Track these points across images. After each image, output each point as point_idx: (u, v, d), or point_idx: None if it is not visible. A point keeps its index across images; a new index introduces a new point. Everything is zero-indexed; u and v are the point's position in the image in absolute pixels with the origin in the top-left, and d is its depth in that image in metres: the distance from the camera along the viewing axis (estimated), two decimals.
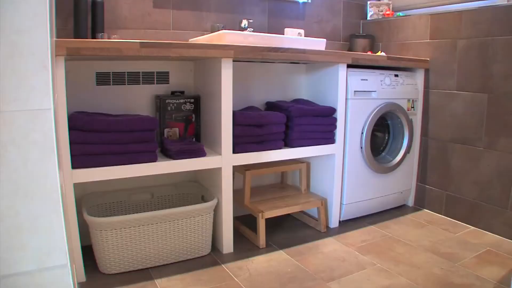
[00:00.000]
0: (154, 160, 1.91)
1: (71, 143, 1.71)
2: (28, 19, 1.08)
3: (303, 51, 2.19)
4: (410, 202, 2.94)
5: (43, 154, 1.12)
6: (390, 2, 3.21)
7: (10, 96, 1.07)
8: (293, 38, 2.36)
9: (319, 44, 2.39)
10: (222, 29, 2.48)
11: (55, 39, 1.52)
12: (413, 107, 2.76)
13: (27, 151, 1.11)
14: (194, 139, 2.29)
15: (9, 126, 1.07)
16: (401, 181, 2.82)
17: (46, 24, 1.11)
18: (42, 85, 1.10)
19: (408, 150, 2.76)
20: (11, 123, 1.07)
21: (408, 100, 2.73)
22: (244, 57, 2.02)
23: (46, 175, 1.13)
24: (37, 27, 1.09)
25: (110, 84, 2.19)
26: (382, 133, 2.80)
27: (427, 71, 2.79)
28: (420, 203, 2.89)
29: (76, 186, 1.74)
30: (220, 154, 2.06)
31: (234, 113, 2.08)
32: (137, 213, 1.89)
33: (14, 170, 1.08)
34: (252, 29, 2.58)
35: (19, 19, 1.07)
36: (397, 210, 2.84)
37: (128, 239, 1.87)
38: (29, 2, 1.07)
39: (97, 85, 2.16)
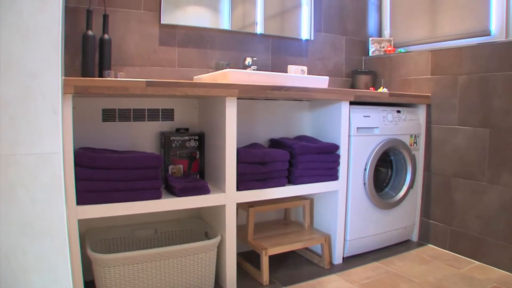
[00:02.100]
0: (158, 197, 1.92)
1: (76, 179, 1.72)
2: (41, 63, 1.11)
3: (306, 89, 2.22)
4: (414, 237, 2.92)
5: (51, 196, 1.14)
6: (391, 38, 3.27)
7: (20, 139, 1.09)
8: (296, 76, 2.40)
9: (321, 81, 2.43)
10: (226, 67, 2.53)
11: (63, 77, 1.55)
12: (415, 143, 2.78)
13: (35, 192, 1.12)
14: (198, 176, 2.31)
15: (18, 168, 1.09)
16: (405, 216, 2.81)
17: (58, 69, 1.14)
18: (52, 128, 1.12)
19: (411, 185, 2.76)
20: (21, 165, 1.09)
21: (411, 135, 2.75)
22: (248, 95, 2.06)
23: (54, 216, 1.14)
24: (49, 71, 1.12)
25: (115, 121, 2.22)
26: (385, 169, 2.81)
27: (428, 107, 2.82)
28: (424, 238, 2.88)
29: (80, 221, 1.75)
30: (224, 191, 2.07)
31: (238, 150, 2.10)
32: (140, 249, 1.89)
33: (22, 210, 1.10)
34: (256, 67, 2.62)
35: (33, 63, 1.10)
36: (401, 246, 2.82)
37: (131, 275, 1.87)
38: (42, 48, 1.11)
39: (103, 121, 2.19)
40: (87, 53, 2.17)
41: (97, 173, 1.79)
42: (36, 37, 1.11)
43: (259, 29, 2.82)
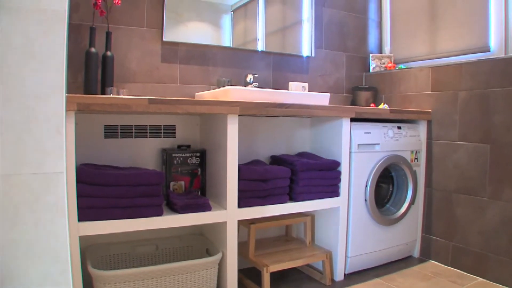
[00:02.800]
0: (160, 214, 1.92)
1: (78, 196, 1.73)
2: (46, 86, 1.13)
3: (307, 107, 2.24)
4: (416, 254, 2.91)
5: (54, 216, 1.15)
6: (391, 54, 3.29)
7: (24, 159, 1.10)
8: (297, 93, 2.42)
9: (322, 98, 2.45)
10: (228, 84, 2.54)
11: (66, 95, 1.57)
12: (416, 159, 2.79)
13: (39, 212, 1.13)
14: (199, 192, 2.31)
15: (22, 188, 1.09)
16: (406, 232, 2.80)
17: (63, 91, 1.15)
18: (56, 149, 1.14)
19: (412, 202, 2.76)
20: (25, 185, 1.10)
21: (412, 151, 2.75)
22: (250, 113, 2.07)
23: (57, 236, 1.14)
24: (54, 94, 1.13)
25: (117, 137, 2.23)
26: (386, 185, 2.81)
27: (429, 123, 2.83)
28: (426, 254, 2.87)
29: (81, 237, 1.75)
30: (225, 208, 2.07)
31: (239, 167, 2.11)
32: (141, 265, 1.90)
33: (25, 230, 1.11)
34: (257, 84, 2.64)
35: (38, 85, 1.11)
36: (403, 262, 2.81)
37: None
38: (47, 70, 1.12)
39: (105, 137, 2.20)
40: (90, 70, 2.19)
41: (99, 190, 1.79)
42: (41, 60, 1.13)
43: (260, 46, 2.84)
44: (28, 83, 1.12)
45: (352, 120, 2.47)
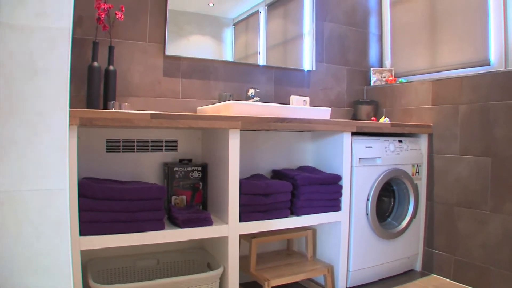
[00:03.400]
0: (161, 228, 1.92)
1: (79, 210, 1.73)
2: (49, 102, 1.14)
3: (309, 121, 2.25)
4: (418, 267, 2.90)
5: (57, 232, 1.15)
6: (392, 68, 3.31)
7: (27, 175, 1.10)
8: (298, 107, 2.43)
9: (323, 113, 2.46)
10: (229, 98, 2.56)
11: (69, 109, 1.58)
12: (417, 172, 2.79)
13: (41, 228, 1.13)
14: (201, 206, 2.31)
15: (25, 204, 1.10)
16: (408, 246, 2.80)
17: (66, 108, 1.16)
18: (58, 166, 1.14)
19: (414, 215, 2.76)
20: (27, 201, 1.11)
21: (413, 165, 2.76)
22: (251, 127, 2.08)
23: (59, 252, 1.15)
24: (57, 110, 1.14)
25: (119, 151, 2.24)
26: (388, 198, 2.81)
27: (430, 136, 2.83)
28: (428, 268, 2.86)
29: (82, 251, 1.75)
30: (226, 222, 2.07)
31: (240, 182, 2.11)
32: (142, 279, 1.89)
33: (28, 246, 1.11)
34: (259, 98, 2.65)
35: (41, 102, 1.12)
36: (405, 276, 2.79)
37: None
38: (51, 87, 1.13)
39: (107, 151, 2.21)
40: (93, 84, 2.20)
41: (101, 204, 1.80)
42: (45, 77, 1.14)
43: (261, 60, 2.86)
44: (32, 99, 1.13)
45: (353, 134, 2.48)
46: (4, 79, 1.06)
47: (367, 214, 2.52)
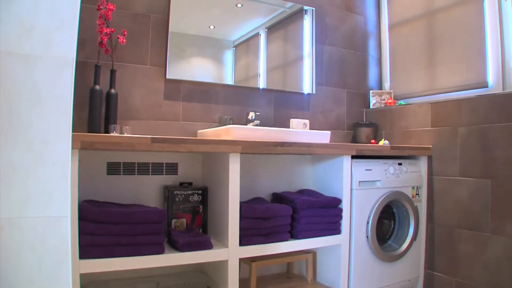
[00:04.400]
0: (161, 252, 1.92)
1: (79, 233, 1.73)
2: (52, 130, 1.15)
3: (308, 145, 2.26)
4: None
5: (58, 259, 1.15)
6: (391, 91, 3.33)
7: (29, 203, 1.11)
8: (298, 131, 2.45)
9: (323, 136, 2.47)
10: (230, 121, 2.57)
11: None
12: (417, 194, 2.79)
13: (43, 256, 1.14)
14: (201, 230, 2.31)
15: (26, 231, 1.10)
16: (409, 268, 2.78)
17: (69, 136, 1.17)
18: (61, 193, 1.15)
19: (414, 237, 2.75)
20: (29, 228, 1.11)
21: (413, 187, 2.76)
22: (251, 151, 2.09)
23: (60, 279, 1.15)
24: (60, 138, 1.15)
25: (120, 174, 2.24)
26: (388, 221, 2.80)
27: (430, 158, 2.84)
28: None
29: (82, 274, 1.74)
30: (226, 246, 2.06)
31: (241, 205, 2.11)
32: None
33: (29, 274, 1.11)
34: (259, 121, 2.67)
35: (44, 130, 1.13)
36: None
37: None
38: (54, 115, 1.15)
39: (107, 174, 2.21)
40: (94, 107, 2.22)
41: (101, 228, 1.79)
42: (49, 104, 1.15)
43: (261, 82, 2.89)
44: (35, 127, 1.14)
45: (353, 157, 2.49)
46: (9, 106, 1.08)
47: (367, 237, 2.51)
